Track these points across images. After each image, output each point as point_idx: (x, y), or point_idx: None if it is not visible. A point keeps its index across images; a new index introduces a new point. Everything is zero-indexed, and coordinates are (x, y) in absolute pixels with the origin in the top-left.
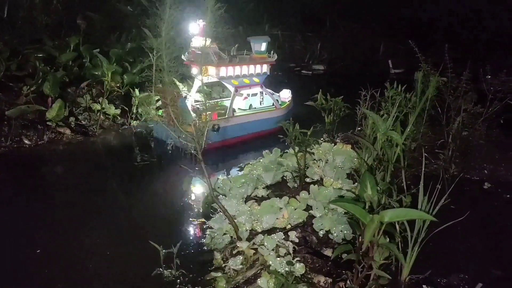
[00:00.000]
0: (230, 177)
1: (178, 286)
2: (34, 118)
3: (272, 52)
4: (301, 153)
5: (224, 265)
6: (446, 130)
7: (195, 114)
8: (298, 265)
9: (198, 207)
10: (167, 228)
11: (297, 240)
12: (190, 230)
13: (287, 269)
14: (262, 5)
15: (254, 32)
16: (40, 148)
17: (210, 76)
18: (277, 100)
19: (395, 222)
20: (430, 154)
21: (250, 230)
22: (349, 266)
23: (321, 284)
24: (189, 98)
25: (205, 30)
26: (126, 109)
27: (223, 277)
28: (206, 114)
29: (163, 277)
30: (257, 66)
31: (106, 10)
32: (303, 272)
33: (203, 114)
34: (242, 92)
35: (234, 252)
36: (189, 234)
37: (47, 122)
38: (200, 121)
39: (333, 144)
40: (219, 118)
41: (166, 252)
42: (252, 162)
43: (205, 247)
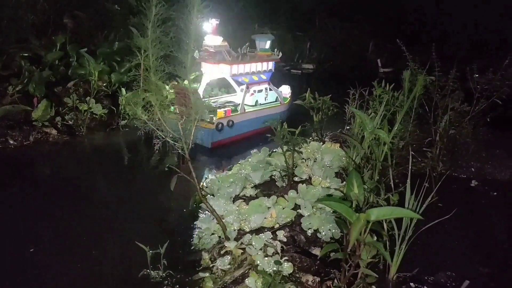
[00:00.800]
0: (218, 176)
1: (165, 287)
2: (19, 118)
3: (276, 50)
4: (289, 152)
5: (212, 265)
6: (433, 129)
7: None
8: (286, 264)
9: (186, 207)
10: (155, 228)
11: (285, 239)
12: (178, 230)
13: (275, 268)
14: (252, 4)
15: (244, 31)
16: (25, 148)
17: (222, 73)
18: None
19: (383, 221)
20: (418, 153)
21: (238, 230)
22: (337, 265)
23: (309, 283)
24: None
25: (217, 29)
26: (114, 108)
27: (211, 277)
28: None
29: (150, 278)
30: (263, 63)
31: (94, 9)
32: (291, 271)
33: (219, 110)
34: (250, 88)
35: (222, 252)
36: (176, 235)
37: (33, 122)
38: (215, 117)
39: (321, 143)
40: (233, 114)
41: (153, 252)
42: (241, 161)
43: (193, 247)
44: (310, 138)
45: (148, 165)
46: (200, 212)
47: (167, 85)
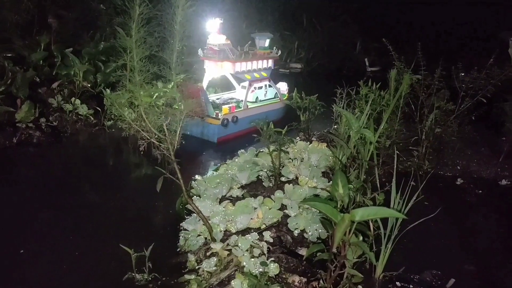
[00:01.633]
0: (205, 177)
1: None
2: (2, 120)
3: (275, 48)
4: (275, 152)
5: (198, 267)
6: (419, 127)
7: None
8: (272, 265)
9: (172, 209)
10: (140, 230)
11: (271, 240)
12: (164, 232)
13: (261, 270)
14: (239, 3)
15: (231, 30)
16: (8, 150)
17: (226, 70)
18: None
19: (369, 220)
20: (404, 151)
21: (224, 231)
22: (323, 265)
23: (295, 284)
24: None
25: (222, 28)
26: (99, 109)
27: (196, 280)
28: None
29: (135, 281)
30: (264, 61)
31: (79, 9)
32: (278, 272)
33: (224, 107)
34: (252, 85)
35: (208, 253)
36: (162, 236)
37: (17, 124)
38: (221, 113)
39: (308, 142)
40: (237, 110)
41: (138, 255)
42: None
43: (179, 249)
44: (298, 137)
45: (134, 166)
46: (186, 213)
47: (153, 85)
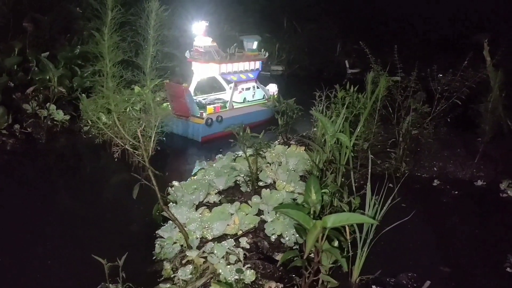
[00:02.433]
0: (182, 183)
1: None
2: None
3: (262, 50)
4: (252, 157)
5: (173, 275)
6: (397, 130)
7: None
8: (248, 272)
9: (149, 216)
10: (116, 239)
11: (248, 246)
12: (140, 240)
13: (237, 277)
14: (220, 6)
15: (215, 32)
16: None
17: (211, 72)
18: (274, 93)
19: (346, 225)
20: (382, 153)
21: (200, 238)
22: (300, 271)
23: None
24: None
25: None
26: (75, 115)
27: None
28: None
29: None
30: (251, 63)
31: (56, 12)
32: (254, 279)
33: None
34: (239, 86)
35: (184, 261)
36: (138, 245)
37: None
38: (205, 113)
39: (286, 146)
40: (222, 110)
41: (112, 265)
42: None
43: (154, 258)
44: (276, 141)
45: (109, 173)
46: (163, 220)
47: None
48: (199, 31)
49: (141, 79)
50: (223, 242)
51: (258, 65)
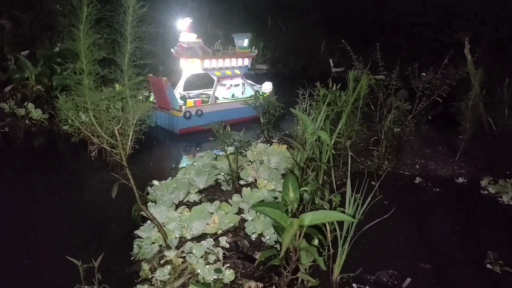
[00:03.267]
0: (162, 182)
1: None
2: None
3: (253, 47)
4: (233, 155)
5: (151, 276)
6: (379, 127)
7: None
8: (227, 271)
9: (128, 216)
10: (93, 239)
11: (228, 245)
12: (118, 241)
13: (215, 276)
14: (204, 3)
15: (199, 29)
16: None
17: (196, 67)
18: (257, 91)
19: (326, 222)
20: (364, 151)
21: (180, 238)
22: (279, 270)
23: None
24: (177, 88)
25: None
26: (54, 113)
27: None
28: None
29: None
30: (238, 59)
31: (37, 9)
32: (233, 278)
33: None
34: (224, 82)
35: (162, 262)
36: (116, 245)
37: None
38: (185, 106)
39: (268, 144)
40: (203, 104)
41: (87, 266)
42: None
43: (132, 258)
44: (259, 140)
45: (88, 172)
46: (142, 220)
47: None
48: (184, 28)
49: (118, 77)
50: (202, 242)
51: (246, 62)
